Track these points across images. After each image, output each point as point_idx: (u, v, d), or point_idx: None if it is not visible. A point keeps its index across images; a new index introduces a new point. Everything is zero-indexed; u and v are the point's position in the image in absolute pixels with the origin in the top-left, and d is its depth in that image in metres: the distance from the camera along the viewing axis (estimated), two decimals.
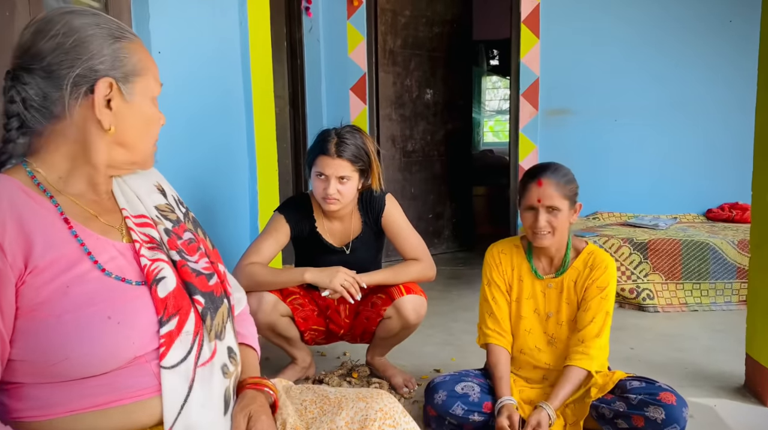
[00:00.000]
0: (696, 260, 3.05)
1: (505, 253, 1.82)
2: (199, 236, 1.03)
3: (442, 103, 4.40)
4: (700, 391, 2.04)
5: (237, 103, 2.58)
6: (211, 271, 0.96)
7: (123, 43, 0.88)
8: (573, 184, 1.70)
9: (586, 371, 1.64)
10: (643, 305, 3.05)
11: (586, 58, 3.81)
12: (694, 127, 3.79)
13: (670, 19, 3.73)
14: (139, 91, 0.89)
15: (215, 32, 2.38)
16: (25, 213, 0.80)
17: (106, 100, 0.85)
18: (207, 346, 0.87)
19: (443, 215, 4.47)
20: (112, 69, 0.86)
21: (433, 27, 4.29)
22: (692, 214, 3.78)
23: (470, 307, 2.88)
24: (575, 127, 3.86)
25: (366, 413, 0.96)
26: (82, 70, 0.83)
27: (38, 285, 0.78)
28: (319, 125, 4.01)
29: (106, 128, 0.86)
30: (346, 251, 2.06)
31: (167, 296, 0.84)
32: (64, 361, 0.77)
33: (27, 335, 0.77)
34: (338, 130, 1.95)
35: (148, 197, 0.98)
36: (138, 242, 0.88)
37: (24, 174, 0.85)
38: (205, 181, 2.29)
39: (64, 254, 0.81)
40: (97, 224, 0.88)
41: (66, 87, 0.83)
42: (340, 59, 4.00)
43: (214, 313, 0.91)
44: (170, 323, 0.83)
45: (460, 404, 1.67)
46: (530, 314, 1.77)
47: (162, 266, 0.87)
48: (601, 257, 1.73)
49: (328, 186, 1.89)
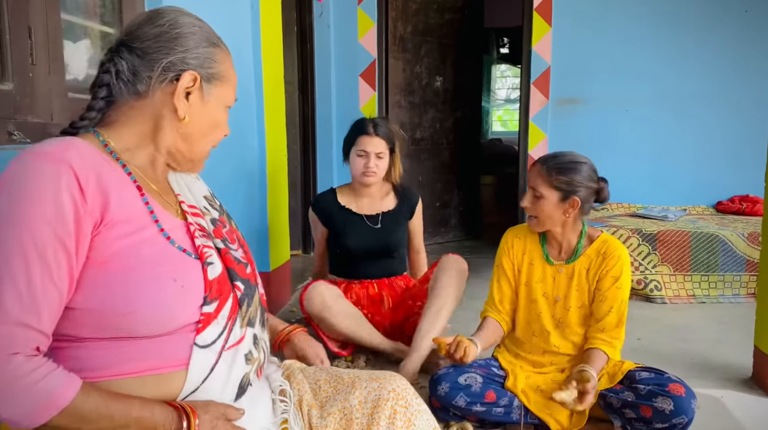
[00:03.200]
0: (705, 252, 3.04)
1: (519, 237, 1.85)
2: (233, 227, 1.07)
3: (451, 90, 4.38)
4: (707, 382, 2.04)
5: (248, 89, 2.58)
6: (246, 260, 1.01)
7: (216, 50, 0.96)
8: (571, 177, 1.65)
9: (608, 357, 1.66)
10: (651, 296, 3.04)
11: (598, 46, 3.78)
12: (706, 119, 3.76)
13: (684, 8, 3.69)
14: (216, 94, 0.96)
15: (227, 17, 2.37)
16: (103, 170, 0.85)
17: (186, 91, 0.92)
18: (237, 331, 0.91)
19: (450, 204, 4.46)
20: (201, 67, 0.93)
21: (444, 13, 4.25)
22: (702, 206, 3.76)
23: (477, 295, 2.88)
24: (586, 116, 3.84)
25: (379, 393, 0.98)
26: (175, 59, 0.91)
27: (111, 239, 0.82)
28: (328, 111, 4.01)
29: (181, 116, 0.92)
30: (377, 223, 2.30)
31: (214, 280, 0.89)
32: (130, 314, 0.81)
33: (96, 283, 0.81)
34: (370, 117, 2.32)
35: (196, 187, 1.04)
36: (192, 225, 0.93)
37: (97, 141, 0.90)
38: (216, 167, 2.28)
39: (135, 215, 0.86)
40: (161, 199, 0.93)
41: (156, 69, 0.90)
42: (350, 45, 3.98)
43: (250, 300, 0.96)
44: (211, 305, 0.87)
45: (463, 395, 1.67)
46: (540, 297, 1.78)
47: (211, 252, 0.92)
48: (614, 246, 1.72)
49: (368, 161, 2.21)
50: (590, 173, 1.69)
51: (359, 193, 2.32)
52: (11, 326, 0.75)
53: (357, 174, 2.25)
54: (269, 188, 2.71)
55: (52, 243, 0.77)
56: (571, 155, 1.71)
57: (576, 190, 1.67)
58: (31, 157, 0.80)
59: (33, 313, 0.76)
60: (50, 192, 0.77)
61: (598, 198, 1.73)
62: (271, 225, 2.73)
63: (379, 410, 0.97)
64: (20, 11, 1.28)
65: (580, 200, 1.67)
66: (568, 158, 1.69)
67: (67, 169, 0.79)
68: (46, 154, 0.80)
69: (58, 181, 0.78)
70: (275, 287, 2.77)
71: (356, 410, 0.98)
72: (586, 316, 1.73)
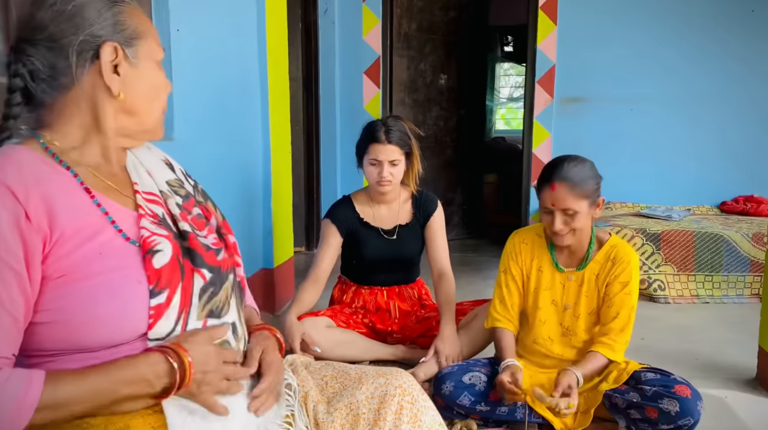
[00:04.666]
0: (709, 252, 3.03)
1: (526, 242, 1.79)
2: (210, 208, 1.03)
3: (455, 88, 4.37)
4: (711, 382, 2.04)
5: (253, 85, 2.58)
6: (219, 246, 0.96)
7: (120, 7, 0.87)
8: (590, 182, 1.61)
9: (608, 360, 1.64)
10: (654, 295, 3.04)
11: (604, 46, 3.76)
12: (711, 119, 3.75)
13: (689, 8, 3.68)
14: (143, 54, 0.89)
15: (232, 13, 2.37)
16: (47, 182, 0.80)
17: (113, 65, 0.85)
18: (192, 324, 0.85)
19: (453, 202, 4.46)
20: (114, 33, 0.86)
21: (449, 11, 4.24)
22: (706, 206, 3.76)
23: (479, 293, 2.88)
24: (590, 115, 3.83)
25: (386, 389, 0.98)
26: (85, 36, 0.83)
27: (65, 252, 0.78)
28: (332, 108, 4.00)
29: (116, 94, 0.86)
30: (393, 235, 2.17)
31: (162, 268, 0.83)
32: (94, 321, 0.78)
33: (57, 297, 0.78)
34: (382, 120, 2.13)
35: (159, 173, 0.98)
36: (143, 213, 0.88)
37: (38, 146, 0.85)
38: (221, 161, 2.29)
39: (88, 222, 0.82)
40: (117, 195, 0.89)
41: (72, 55, 0.83)
42: (355, 42, 3.98)
43: (218, 288, 0.90)
44: (161, 295, 0.82)
45: (467, 394, 1.67)
46: (547, 304, 1.75)
47: (160, 239, 0.86)
48: (624, 250, 1.69)
49: (381, 170, 2.06)
50: (593, 168, 1.67)
51: (376, 201, 2.19)
52: None
53: (372, 182, 2.13)
54: (273, 185, 2.70)
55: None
56: (575, 160, 1.65)
57: (598, 189, 1.65)
58: None
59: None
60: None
61: None
62: (275, 222, 2.73)
63: (386, 405, 0.96)
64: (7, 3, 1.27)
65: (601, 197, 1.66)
66: (577, 164, 1.63)
67: (4, 190, 0.75)
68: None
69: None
70: (278, 283, 2.77)
71: (363, 406, 0.98)
72: (594, 321, 1.72)
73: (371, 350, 2.12)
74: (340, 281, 2.31)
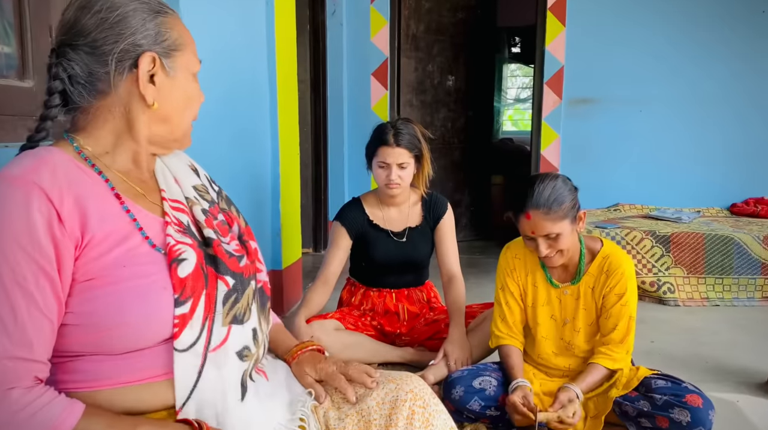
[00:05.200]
0: (719, 254, 3.01)
1: (519, 257, 1.76)
2: (233, 214, 1.04)
3: (463, 90, 4.36)
4: (722, 386, 2.02)
5: (262, 87, 2.58)
6: (241, 253, 0.97)
7: (163, 18, 0.88)
8: (565, 201, 1.56)
9: (608, 370, 1.62)
10: (664, 298, 3.02)
11: (613, 46, 3.75)
12: (720, 120, 3.72)
13: (699, 9, 3.66)
14: (180, 66, 0.90)
15: (242, 15, 2.38)
16: (80, 185, 0.81)
17: (149, 75, 0.86)
18: (218, 331, 0.86)
19: (461, 203, 4.45)
20: (155, 44, 0.86)
21: (457, 12, 4.24)
22: (716, 208, 3.73)
23: (487, 295, 2.87)
24: (599, 116, 3.81)
25: (396, 394, 0.97)
26: (126, 45, 0.84)
27: (95, 256, 0.79)
28: (339, 110, 4.01)
29: (150, 103, 0.87)
30: (403, 238, 2.17)
31: (187, 277, 0.84)
32: (121, 326, 0.79)
33: (85, 300, 0.79)
34: (392, 122, 2.12)
35: (186, 178, 0.99)
36: (169, 221, 0.89)
37: (71, 149, 0.86)
38: (230, 163, 2.29)
39: (117, 227, 0.82)
40: (145, 201, 0.89)
41: (111, 62, 0.84)
42: (363, 44, 3.98)
43: (240, 295, 0.91)
44: (185, 305, 0.83)
45: (477, 399, 1.65)
46: (546, 320, 1.73)
47: (185, 248, 0.86)
48: (617, 261, 1.64)
49: (390, 173, 2.06)
50: (566, 182, 1.61)
51: (386, 203, 2.18)
52: (3, 361, 0.74)
53: (380, 185, 2.13)
54: (282, 187, 2.71)
55: (32, 272, 0.75)
56: (544, 181, 1.58)
57: (576, 206, 1.60)
58: (1, 182, 0.77)
59: (23, 345, 0.75)
60: (23, 219, 0.75)
61: None
62: (283, 223, 2.73)
63: (397, 410, 0.96)
64: (41, 9, 1.28)
65: (581, 210, 1.62)
66: (546, 186, 1.56)
67: (38, 192, 0.76)
68: (15, 179, 0.76)
69: (30, 207, 0.75)
70: (287, 285, 2.77)
71: (374, 411, 0.97)
72: (595, 331, 1.70)
73: (380, 353, 2.11)
74: (348, 282, 2.31)
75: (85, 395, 0.81)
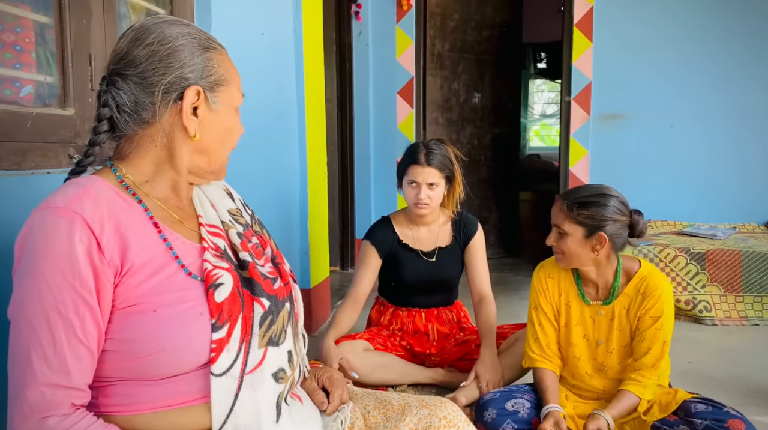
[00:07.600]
0: (757, 272, 2.92)
1: (552, 277, 1.74)
2: (264, 237, 1.06)
3: (489, 107, 4.36)
4: (764, 409, 1.95)
5: (290, 107, 2.62)
6: (275, 275, 0.98)
7: (211, 53, 0.92)
8: (592, 211, 1.55)
9: (638, 398, 1.58)
10: (700, 317, 2.94)
11: (641, 61, 3.71)
12: (754, 134, 3.64)
13: (729, 21, 3.60)
14: (223, 100, 0.93)
15: (270, 36, 2.43)
16: (120, 214, 0.84)
17: (192, 107, 0.89)
18: (254, 353, 0.87)
19: (489, 221, 4.42)
20: (201, 78, 0.90)
21: (482, 30, 4.26)
22: (753, 224, 3.62)
23: (516, 314, 2.84)
24: (628, 132, 3.76)
25: (430, 420, 0.96)
26: (173, 78, 0.87)
27: (134, 284, 0.82)
28: (366, 129, 4.04)
29: (192, 135, 0.90)
30: (433, 258, 2.17)
31: (223, 302, 0.85)
32: (160, 352, 0.80)
33: (124, 327, 0.81)
34: (425, 142, 2.13)
35: (221, 202, 1.01)
36: (207, 246, 0.91)
37: (113, 177, 0.89)
38: (260, 185, 2.33)
39: (155, 255, 0.85)
40: (182, 228, 0.92)
41: (158, 94, 0.87)
42: (388, 63, 4.02)
43: (275, 316, 0.92)
44: (222, 330, 0.84)
45: (511, 421, 1.61)
46: (579, 340, 1.70)
47: (222, 272, 0.88)
48: (654, 283, 1.61)
49: (419, 192, 2.06)
50: (618, 206, 1.58)
51: (415, 223, 2.18)
52: (41, 388, 0.75)
53: (410, 204, 2.13)
54: (310, 206, 2.73)
55: (72, 300, 0.77)
56: (595, 188, 1.61)
57: (602, 225, 1.56)
58: (45, 213, 0.79)
59: (62, 372, 0.76)
60: (64, 249, 0.77)
61: (633, 232, 1.61)
62: (311, 242, 2.75)
63: None
64: (81, 39, 1.33)
65: (608, 236, 1.57)
66: (590, 191, 1.59)
67: (80, 223, 0.79)
68: (59, 209, 0.79)
69: (72, 237, 0.78)
70: (315, 303, 2.78)
71: None
72: (629, 353, 1.66)
73: (410, 374, 2.10)
74: (377, 302, 2.30)
75: (124, 418, 0.83)
